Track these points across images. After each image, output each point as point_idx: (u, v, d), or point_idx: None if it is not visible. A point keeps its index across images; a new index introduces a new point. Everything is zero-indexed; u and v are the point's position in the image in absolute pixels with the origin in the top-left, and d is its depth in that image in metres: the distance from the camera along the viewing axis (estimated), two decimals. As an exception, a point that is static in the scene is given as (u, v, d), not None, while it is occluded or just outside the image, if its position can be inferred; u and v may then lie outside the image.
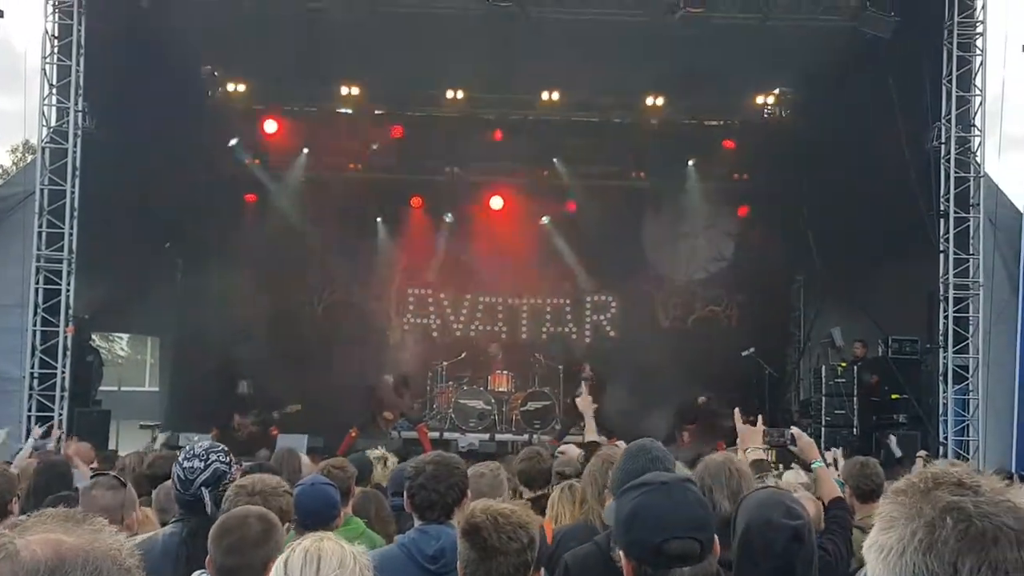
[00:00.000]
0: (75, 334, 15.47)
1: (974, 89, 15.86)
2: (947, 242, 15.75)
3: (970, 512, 1.54)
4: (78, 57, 15.14)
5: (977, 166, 15.90)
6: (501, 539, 3.31)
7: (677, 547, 2.77)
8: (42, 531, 1.64)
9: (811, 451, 5.51)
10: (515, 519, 3.39)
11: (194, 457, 4.26)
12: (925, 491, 1.60)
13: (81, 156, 15.24)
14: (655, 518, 2.82)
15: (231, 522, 3.50)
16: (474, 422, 18.83)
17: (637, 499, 2.89)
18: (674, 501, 2.86)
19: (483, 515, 3.38)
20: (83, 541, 1.64)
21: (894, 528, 1.59)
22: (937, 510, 1.55)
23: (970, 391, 15.71)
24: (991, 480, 1.62)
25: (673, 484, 2.96)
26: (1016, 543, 1.52)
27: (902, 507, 1.60)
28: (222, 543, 3.42)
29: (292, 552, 2.69)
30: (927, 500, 1.58)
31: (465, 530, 3.38)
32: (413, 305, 22.22)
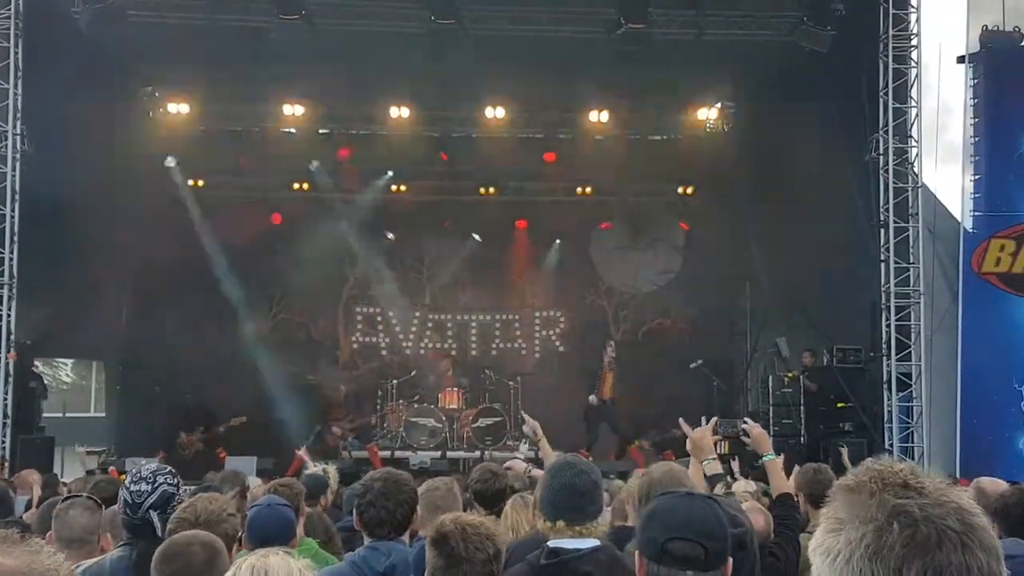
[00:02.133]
0: (17, 360, 15.21)
1: (910, 101, 16.16)
2: (887, 252, 16.01)
3: (916, 516, 1.54)
4: (16, 80, 14.94)
5: (915, 176, 16.18)
6: (468, 548, 3.36)
7: (680, 548, 2.82)
8: None
9: (763, 443, 5.55)
10: (483, 530, 3.44)
11: (141, 480, 4.21)
12: (872, 493, 1.60)
13: (20, 179, 15.01)
14: (667, 519, 2.90)
15: (174, 549, 3.44)
16: (425, 440, 18.77)
17: (659, 502, 3.00)
18: (691, 507, 2.94)
19: (452, 525, 3.42)
20: (20, 563, 1.60)
21: (842, 531, 1.59)
22: (884, 514, 1.55)
23: (914, 398, 15.95)
24: (935, 480, 1.63)
25: (696, 496, 3.07)
26: (960, 546, 1.52)
27: (850, 509, 1.60)
28: (165, 570, 3.37)
29: (239, 569, 2.66)
30: (874, 503, 1.58)
31: (434, 539, 3.42)
32: (361, 323, 22.14)
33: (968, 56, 17.39)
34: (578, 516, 4.07)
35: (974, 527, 1.56)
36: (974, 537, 1.55)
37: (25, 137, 15.16)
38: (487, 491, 6.56)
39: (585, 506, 4.12)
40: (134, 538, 4.19)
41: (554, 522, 4.10)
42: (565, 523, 4.06)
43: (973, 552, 1.53)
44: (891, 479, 1.61)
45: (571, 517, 4.06)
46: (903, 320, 16.00)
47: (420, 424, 18.93)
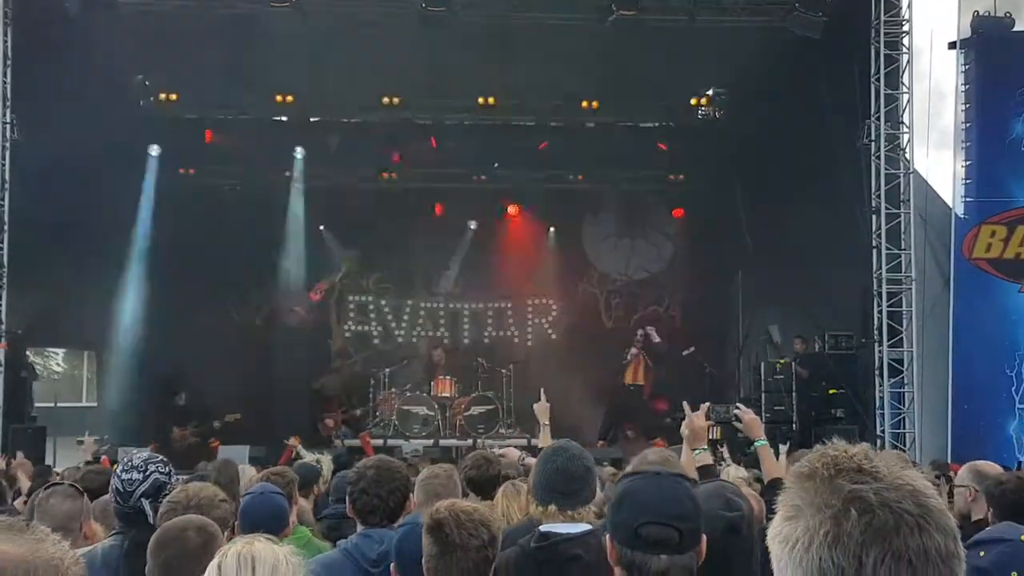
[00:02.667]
0: (8, 350, 15.18)
1: (902, 87, 16.17)
2: (879, 238, 16.02)
3: (872, 502, 1.54)
4: (5, 68, 14.88)
5: (907, 163, 16.20)
6: (462, 535, 3.36)
7: (653, 532, 2.78)
8: None
9: (755, 428, 5.55)
10: (477, 516, 3.44)
11: (132, 469, 4.20)
12: (827, 479, 1.59)
13: (10, 168, 14.96)
14: (638, 503, 2.85)
15: (169, 534, 3.44)
16: (418, 428, 18.78)
17: (628, 484, 2.94)
18: (661, 489, 2.88)
19: (446, 512, 3.42)
20: (24, 550, 1.60)
21: (799, 518, 1.58)
22: (840, 500, 1.55)
23: (905, 384, 15.99)
24: (888, 461, 1.62)
25: (665, 475, 2.98)
26: (917, 528, 1.53)
27: (806, 496, 1.60)
28: (160, 556, 3.36)
29: (225, 556, 2.65)
30: (830, 489, 1.57)
31: (429, 526, 3.43)
32: (354, 312, 22.13)
33: (959, 42, 17.39)
34: (570, 501, 4.08)
35: (930, 509, 1.56)
36: (931, 519, 1.55)
37: (15, 125, 15.08)
38: (480, 478, 6.56)
39: (578, 491, 4.13)
40: (126, 526, 4.18)
41: (546, 506, 4.11)
42: (557, 507, 4.07)
43: (930, 534, 1.53)
44: (845, 464, 1.60)
45: (563, 502, 4.07)
46: (895, 306, 16.03)
47: (413, 412, 18.93)
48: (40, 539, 1.65)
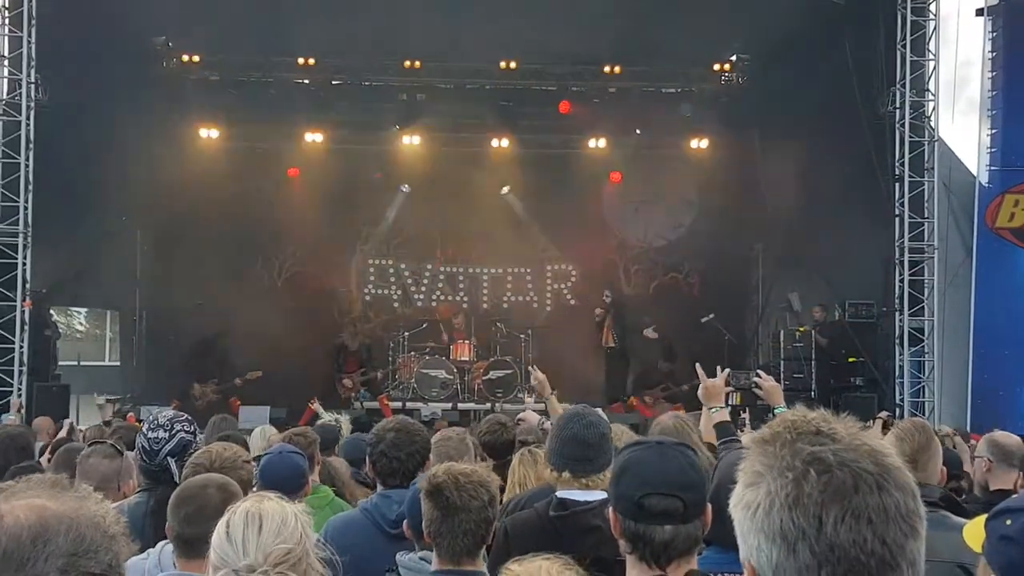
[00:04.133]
0: (32, 308, 15.32)
1: (928, 54, 16.02)
2: (902, 206, 15.94)
3: (830, 462, 1.55)
4: (30, 28, 14.91)
5: (931, 131, 16.08)
6: (463, 497, 3.40)
7: (657, 503, 2.77)
8: (28, 496, 1.65)
9: (776, 395, 5.55)
10: (476, 478, 3.48)
11: (158, 427, 4.26)
12: (785, 443, 1.61)
13: (35, 128, 15.04)
14: (641, 474, 2.84)
15: (190, 491, 3.48)
16: (436, 391, 18.88)
17: (629, 455, 2.93)
18: (663, 459, 2.87)
19: (445, 475, 3.46)
20: (67, 508, 1.64)
21: (760, 484, 1.60)
22: (800, 463, 1.57)
23: (925, 353, 15.96)
24: (847, 424, 1.64)
25: (667, 445, 2.97)
26: (876, 487, 1.55)
27: (765, 461, 1.61)
28: (180, 512, 3.41)
29: (233, 514, 2.68)
30: (789, 452, 1.59)
31: (428, 491, 3.45)
32: (374, 276, 22.19)
33: (987, 8, 17.21)
34: (585, 467, 4.10)
35: (888, 468, 1.58)
36: (889, 478, 1.57)
37: (40, 86, 15.14)
38: (495, 442, 6.62)
39: (593, 457, 4.15)
40: (152, 484, 4.25)
41: (561, 472, 4.14)
42: (572, 474, 4.10)
43: (889, 492, 1.56)
44: (804, 427, 1.62)
45: (578, 468, 4.10)
46: (916, 275, 15.97)
47: (431, 376, 19.03)
48: (83, 496, 1.69)
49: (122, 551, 1.68)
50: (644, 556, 2.79)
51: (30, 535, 1.58)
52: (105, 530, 1.66)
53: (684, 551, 2.80)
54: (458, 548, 3.42)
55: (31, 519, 1.60)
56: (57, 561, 1.58)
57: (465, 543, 3.41)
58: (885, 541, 1.54)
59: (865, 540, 1.53)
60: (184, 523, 3.36)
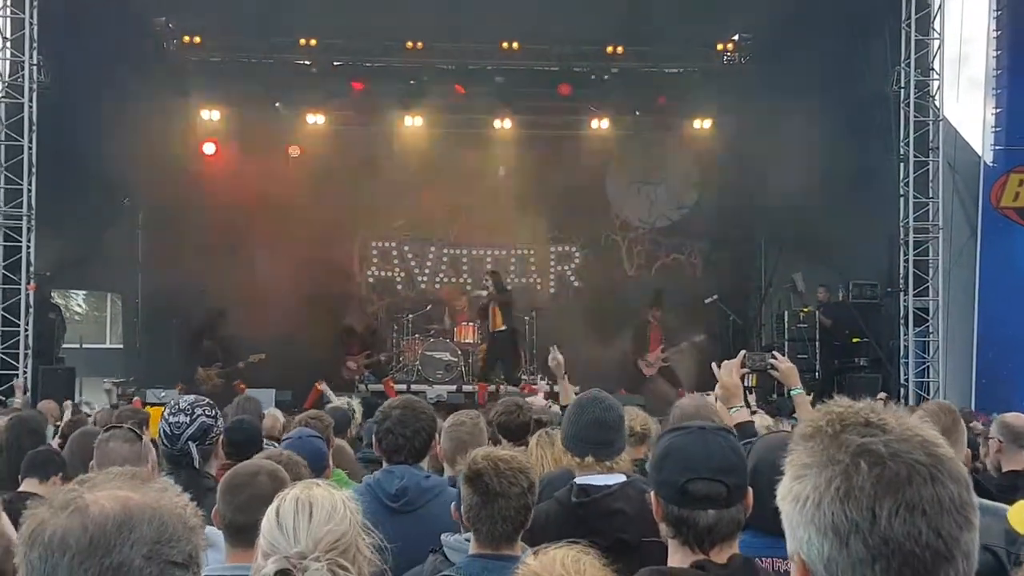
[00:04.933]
0: (36, 291, 15.31)
1: (933, 33, 15.95)
2: (907, 186, 15.92)
3: (882, 453, 1.53)
4: (31, 10, 14.84)
5: (936, 110, 16.04)
6: (502, 483, 3.40)
7: (702, 488, 2.78)
8: (111, 487, 1.71)
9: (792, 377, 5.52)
10: (515, 464, 3.48)
11: (180, 412, 4.26)
12: (834, 435, 1.58)
13: (37, 111, 14.98)
14: (684, 459, 2.84)
15: (241, 478, 3.48)
16: (441, 373, 18.89)
17: (671, 440, 2.93)
18: (706, 444, 2.87)
19: (484, 461, 3.46)
20: (150, 499, 1.71)
21: (808, 476, 1.57)
22: (849, 455, 1.54)
23: (930, 333, 15.97)
24: (897, 414, 1.62)
25: (709, 429, 2.98)
26: (930, 478, 1.52)
27: (813, 453, 1.58)
28: (232, 500, 3.40)
29: (283, 501, 2.68)
30: (837, 444, 1.56)
31: (468, 476, 3.45)
32: (377, 258, 22.17)
33: (992, -13, 17.13)
34: (606, 451, 4.11)
35: (941, 458, 1.56)
36: (943, 468, 1.54)
37: (42, 68, 15.08)
38: (511, 424, 6.61)
39: (614, 440, 4.16)
40: (174, 468, 4.25)
41: (583, 458, 4.14)
42: (594, 458, 4.10)
43: (943, 483, 1.53)
44: (851, 419, 1.60)
45: (600, 452, 4.10)
46: (921, 255, 15.97)
47: (436, 358, 19.04)
48: (163, 488, 1.77)
49: (200, 543, 1.74)
50: (687, 540, 2.80)
51: (115, 523, 1.65)
52: (186, 521, 1.73)
53: (727, 535, 2.81)
54: (497, 533, 3.42)
55: (116, 508, 1.67)
56: (142, 549, 1.65)
57: (504, 529, 3.42)
58: (940, 533, 1.51)
59: (920, 532, 1.51)
60: (236, 511, 3.35)
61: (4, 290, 14.94)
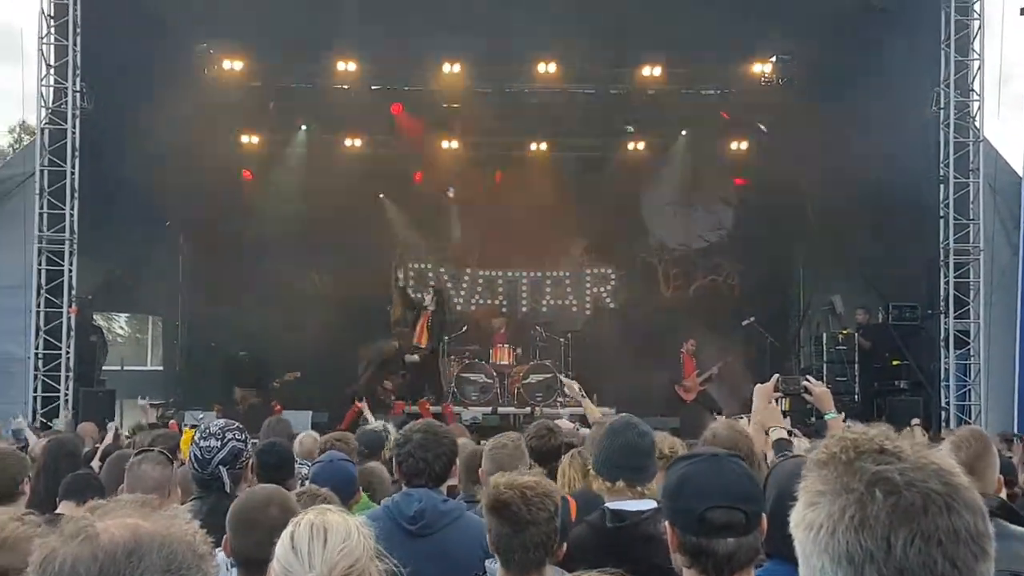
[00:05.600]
0: (78, 314, 15.50)
1: (972, 54, 15.83)
2: (947, 207, 15.78)
3: (897, 482, 1.51)
4: (75, 37, 15.09)
5: (976, 131, 15.90)
6: (532, 511, 3.39)
7: (721, 516, 2.76)
8: (121, 515, 1.72)
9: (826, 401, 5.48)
10: (540, 489, 3.47)
11: (210, 436, 4.29)
12: (848, 462, 1.56)
13: (80, 136, 15.21)
14: (700, 487, 2.82)
15: (251, 514, 3.46)
16: (476, 396, 18.89)
17: (685, 469, 2.90)
18: (722, 472, 2.85)
19: (509, 490, 3.43)
20: (160, 526, 1.71)
21: (822, 504, 1.55)
22: (864, 483, 1.52)
23: (971, 356, 15.77)
24: (911, 441, 1.60)
25: (723, 457, 2.96)
26: (946, 508, 1.51)
27: (827, 481, 1.57)
28: (244, 535, 3.39)
29: (297, 526, 2.69)
30: (851, 472, 1.55)
31: (494, 507, 3.43)
32: (414, 280, 22.25)
33: (1032, 8, 16.94)
34: (639, 476, 4.09)
35: (957, 488, 1.54)
36: (958, 498, 1.53)
37: (84, 94, 15.31)
38: (543, 447, 6.60)
39: (646, 466, 4.14)
40: (204, 493, 4.27)
41: (614, 482, 4.12)
42: (626, 483, 4.08)
43: (959, 513, 1.51)
44: (866, 446, 1.58)
45: (632, 477, 4.08)
46: (962, 277, 15.79)
47: (471, 380, 19.04)
48: (173, 516, 1.77)
49: (210, 571, 1.74)
50: (706, 569, 2.77)
51: (125, 551, 1.65)
52: (195, 549, 1.73)
53: (745, 563, 2.79)
54: (529, 561, 3.41)
55: (125, 536, 1.67)
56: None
57: (536, 556, 3.41)
58: (955, 564, 1.49)
59: (935, 563, 1.49)
60: (249, 547, 3.33)
61: (46, 313, 15.13)
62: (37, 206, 15.08)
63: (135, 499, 1.81)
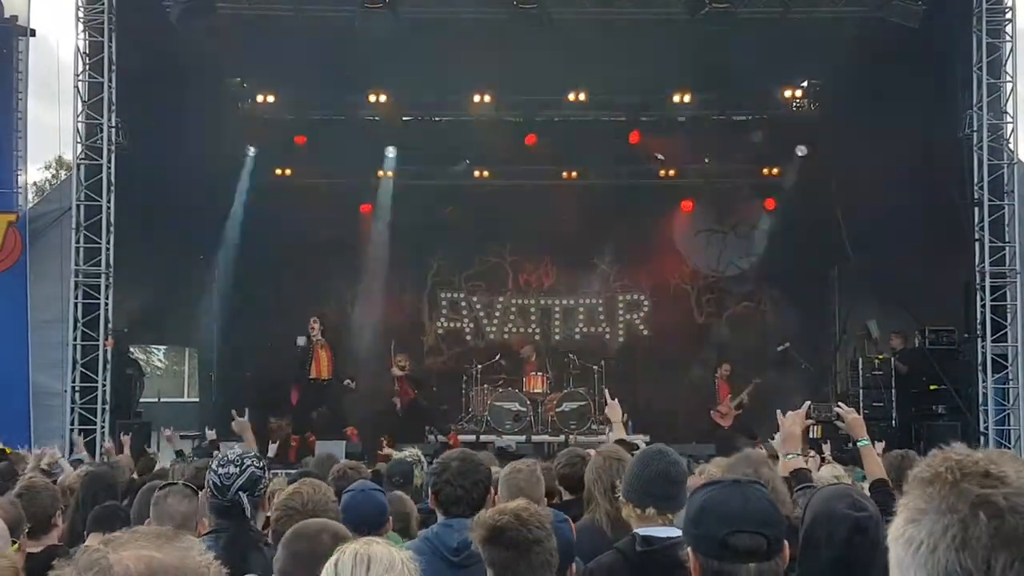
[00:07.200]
0: (114, 347, 15.66)
1: (1005, 76, 15.73)
2: (982, 230, 15.63)
3: (1001, 507, 1.52)
4: (109, 74, 15.34)
5: (1010, 153, 15.76)
6: (531, 530, 3.40)
7: (743, 541, 2.75)
8: (135, 547, 1.70)
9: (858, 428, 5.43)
10: (533, 510, 3.50)
11: (229, 463, 4.31)
12: (953, 483, 1.57)
13: (115, 171, 15.43)
14: (723, 513, 2.82)
15: (307, 532, 3.52)
16: (510, 424, 18.85)
17: (707, 495, 2.91)
18: (744, 497, 2.86)
19: (503, 516, 3.44)
20: (173, 558, 1.70)
21: (923, 522, 1.57)
22: (968, 505, 1.54)
23: (1010, 380, 15.56)
24: (1016, 467, 1.60)
25: (744, 483, 2.97)
26: None
27: (930, 499, 1.58)
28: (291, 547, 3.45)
29: (342, 555, 2.72)
30: (957, 493, 1.56)
31: (490, 536, 3.43)
32: (446, 309, 22.33)
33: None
34: (670, 504, 4.09)
35: None
36: None
37: (120, 129, 15.55)
38: (574, 475, 6.58)
39: (677, 494, 4.14)
40: (223, 521, 4.29)
41: (644, 509, 4.12)
42: (657, 511, 4.08)
43: None
44: (971, 468, 1.59)
45: (663, 505, 4.08)
46: (998, 300, 15.60)
47: (505, 408, 19.00)
48: (188, 547, 1.74)
49: None
50: None
51: None
52: None
53: None
54: None
55: (140, 569, 1.65)
56: None
57: None
58: None
59: None
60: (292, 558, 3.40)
61: (83, 346, 15.30)
62: (73, 240, 15.28)
63: (150, 530, 1.78)
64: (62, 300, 15.25)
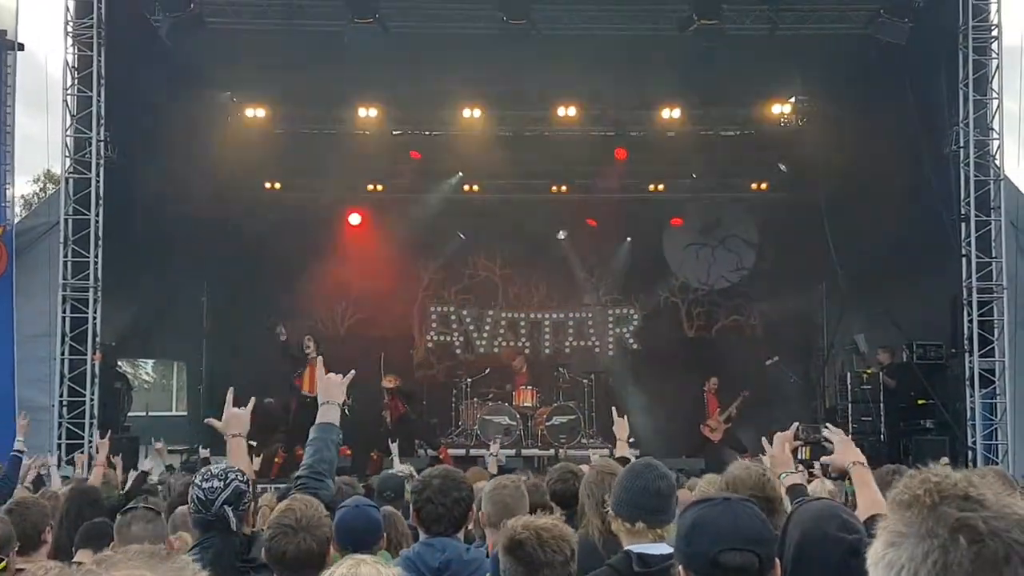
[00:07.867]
0: (102, 361, 15.60)
1: (991, 92, 15.81)
2: (969, 246, 15.68)
3: (981, 531, 1.52)
4: (99, 88, 15.32)
5: (996, 169, 15.83)
6: (546, 552, 3.39)
7: (734, 558, 2.75)
8: (128, 567, 1.69)
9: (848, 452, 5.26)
10: (556, 532, 3.47)
11: (213, 478, 4.29)
12: (932, 506, 1.58)
13: (104, 184, 15.41)
14: (714, 530, 2.82)
15: None
16: (500, 438, 18.80)
17: (697, 512, 2.91)
18: (735, 514, 2.86)
19: (525, 531, 3.43)
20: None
21: (904, 545, 1.57)
22: (948, 529, 1.54)
23: (997, 395, 15.59)
24: (994, 488, 1.61)
25: (735, 500, 2.97)
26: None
27: (910, 523, 1.58)
28: None
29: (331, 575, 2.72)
30: (935, 517, 1.56)
31: (509, 547, 3.42)
32: (436, 323, 22.33)
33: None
34: (659, 519, 4.08)
35: None
36: None
37: (108, 143, 15.54)
38: (566, 491, 6.57)
39: (666, 508, 4.13)
40: (206, 535, 4.27)
41: (633, 523, 4.11)
42: (646, 525, 4.07)
43: None
44: (950, 491, 1.59)
45: (652, 520, 4.07)
46: (985, 315, 15.65)
47: (494, 422, 18.97)
48: (181, 568, 1.74)
49: None
50: None
51: None
52: None
53: None
54: None
55: None
56: None
57: None
58: None
59: None
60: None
61: (71, 360, 15.23)
62: (62, 254, 15.23)
63: (143, 549, 1.76)
64: (50, 314, 15.18)
